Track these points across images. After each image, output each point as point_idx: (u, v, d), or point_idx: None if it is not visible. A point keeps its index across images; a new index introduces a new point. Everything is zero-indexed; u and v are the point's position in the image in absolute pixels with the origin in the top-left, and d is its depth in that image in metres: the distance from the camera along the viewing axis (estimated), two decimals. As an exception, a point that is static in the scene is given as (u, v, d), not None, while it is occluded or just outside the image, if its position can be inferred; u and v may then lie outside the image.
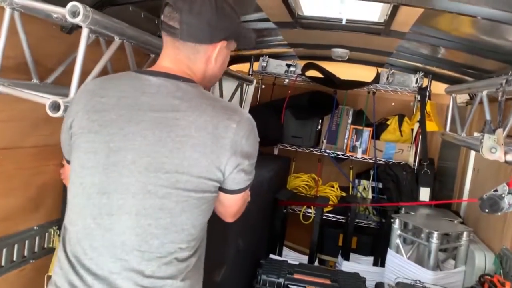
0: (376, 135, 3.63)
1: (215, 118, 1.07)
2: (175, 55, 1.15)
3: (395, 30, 2.25)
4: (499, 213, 1.44)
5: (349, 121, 3.74)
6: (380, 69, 3.61)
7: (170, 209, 1.05)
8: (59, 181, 1.71)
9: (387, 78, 3.57)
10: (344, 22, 2.07)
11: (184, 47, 1.14)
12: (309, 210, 3.58)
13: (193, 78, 1.16)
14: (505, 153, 1.61)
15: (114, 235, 1.06)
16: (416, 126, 3.56)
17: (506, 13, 1.58)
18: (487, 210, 1.46)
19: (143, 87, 1.10)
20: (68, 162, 1.18)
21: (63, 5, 1.32)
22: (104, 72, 2.07)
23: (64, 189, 1.83)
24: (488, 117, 1.89)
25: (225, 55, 1.22)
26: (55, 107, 1.34)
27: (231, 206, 1.22)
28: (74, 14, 1.28)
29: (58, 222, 1.92)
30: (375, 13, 2.05)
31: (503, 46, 2.15)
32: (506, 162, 1.61)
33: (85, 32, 1.37)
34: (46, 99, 1.35)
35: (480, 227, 2.86)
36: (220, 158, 1.06)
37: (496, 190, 1.44)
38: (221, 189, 1.14)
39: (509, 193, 1.41)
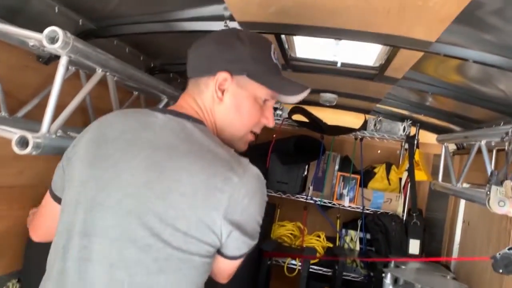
0: (363, 183, 3.53)
1: (214, 167, 0.92)
2: (187, 94, 1.09)
3: (388, 75, 2.20)
4: (515, 274, 1.31)
5: (336, 167, 3.64)
6: (367, 116, 3.57)
7: (147, 265, 0.88)
8: (23, 227, 1.51)
9: (375, 125, 3.52)
10: (339, 65, 1.99)
11: (190, 84, 1.09)
12: (294, 262, 3.38)
13: (205, 122, 1.05)
14: (514, 206, 1.50)
15: (86, 285, 0.89)
16: (404, 175, 3.48)
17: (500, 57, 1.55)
18: (501, 271, 1.32)
19: (148, 123, 0.99)
20: (57, 200, 1.04)
21: (41, 30, 1.19)
22: (82, 109, 1.95)
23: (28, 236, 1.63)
24: (489, 168, 1.80)
25: (240, 97, 1.07)
26: (23, 143, 1.18)
27: (229, 270, 1.05)
28: (53, 40, 1.15)
29: (19, 274, 1.70)
30: (372, 57, 1.99)
31: (494, 96, 2.12)
32: (515, 216, 1.50)
33: (63, 60, 1.24)
34: (13, 134, 1.19)
35: (473, 283, 2.72)
36: (212, 216, 0.90)
37: (510, 248, 1.32)
38: (219, 252, 0.97)
39: (525, 251, 1.29)
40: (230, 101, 1.06)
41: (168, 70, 2.54)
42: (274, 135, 3.58)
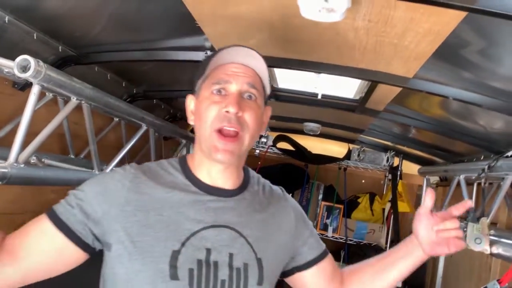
0: (347, 213, 3.51)
1: None
2: None
3: (370, 108, 2.21)
4: (491, 316, 1.28)
5: (320, 196, 3.63)
6: (351, 146, 3.58)
7: None
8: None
9: (358, 155, 3.53)
10: (319, 97, 2.00)
11: None
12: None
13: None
14: (491, 244, 1.49)
15: None
16: (387, 206, 3.47)
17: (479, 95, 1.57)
18: (477, 311, 1.30)
19: None
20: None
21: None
22: (60, 135, 1.91)
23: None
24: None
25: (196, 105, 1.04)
26: (-12, 172, 1.14)
27: None
28: (24, 68, 1.13)
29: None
30: (352, 90, 2.01)
31: (474, 130, 2.14)
32: (491, 254, 1.49)
33: (35, 89, 1.22)
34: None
35: (457, 318, 2.68)
36: None
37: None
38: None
39: (501, 292, 1.27)
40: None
41: (151, 97, 2.53)
42: (259, 163, 3.56)
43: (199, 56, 1.71)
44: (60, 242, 0.92)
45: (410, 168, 3.52)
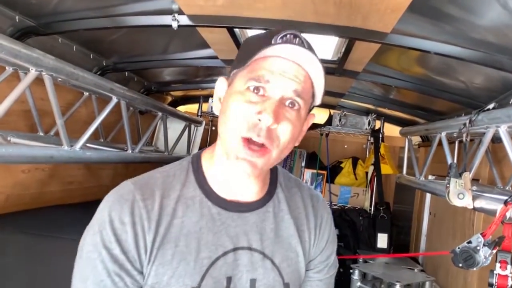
0: (330, 179, 3.50)
1: None
2: None
3: (349, 69, 2.16)
4: (475, 269, 1.28)
5: (303, 164, 3.61)
6: (332, 111, 3.55)
7: None
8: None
9: (340, 120, 3.50)
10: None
11: None
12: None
13: None
14: (474, 198, 1.47)
15: None
16: (370, 169, 3.48)
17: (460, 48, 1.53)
18: (460, 265, 1.29)
19: None
20: None
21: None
22: (25, 112, 1.81)
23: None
24: (449, 159, 1.78)
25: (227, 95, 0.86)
26: None
27: None
28: (-28, 37, 1.04)
29: None
30: (329, 51, 1.94)
31: (454, 86, 2.11)
32: (474, 209, 1.47)
33: (-14, 59, 1.12)
34: None
35: (441, 274, 2.72)
36: None
37: (470, 242, 1.28)
38: None
39: (484, 245, 1.26)
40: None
41: (122, 69, 2.42)
42: None
43: (166, 20, 1.61)
44: None
45: (392, 130, 3.52)
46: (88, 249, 0.77)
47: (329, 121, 3.51)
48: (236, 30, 1.79)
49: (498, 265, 1.29)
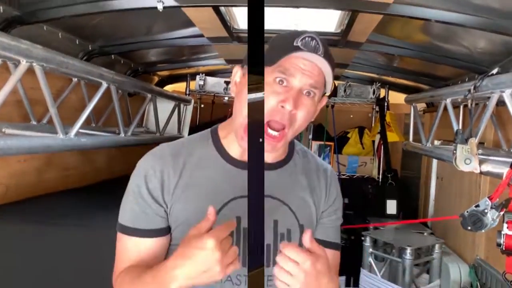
0: (338, 149, 3.55)
1: None
2: None
3: (352, 40, 2.16)
4: (483, 230, 1.33)
5: (310, 136, 3.64)
6: (337, 82, 3.55)
7: None
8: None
9: (345, 90, 3.51)
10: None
11: None
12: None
13: None
14: (480, 162, 1.51)
15: None
16: (377, 138, 3.51)
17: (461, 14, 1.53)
18: (469, 228, 1.34)
19: None
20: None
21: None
22: (18, 102, 1.83)
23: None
24: (455, 126, 1.81)
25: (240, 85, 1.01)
26: None
27: None
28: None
29: None
30: (332, 23, 1.95)
31: (458, 52, 2.12)
32: (481, 173, 1.51)
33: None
34: None
35: (450, 237, 2.80)
36: None
37: (477, 206, 1.33)
38: None
39: (492, 207, 1.30)
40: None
41: (108, 52, 2.40)
42: (230, 110, 3.50)
43: (151, 2, 1.59)
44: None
45: (396, 98, 3.53)
46: (129, 186, 1.00)
47: (334, 92, 3.53)
48: (222, 8, 1.79)
49: (505, 225, 1.34)
